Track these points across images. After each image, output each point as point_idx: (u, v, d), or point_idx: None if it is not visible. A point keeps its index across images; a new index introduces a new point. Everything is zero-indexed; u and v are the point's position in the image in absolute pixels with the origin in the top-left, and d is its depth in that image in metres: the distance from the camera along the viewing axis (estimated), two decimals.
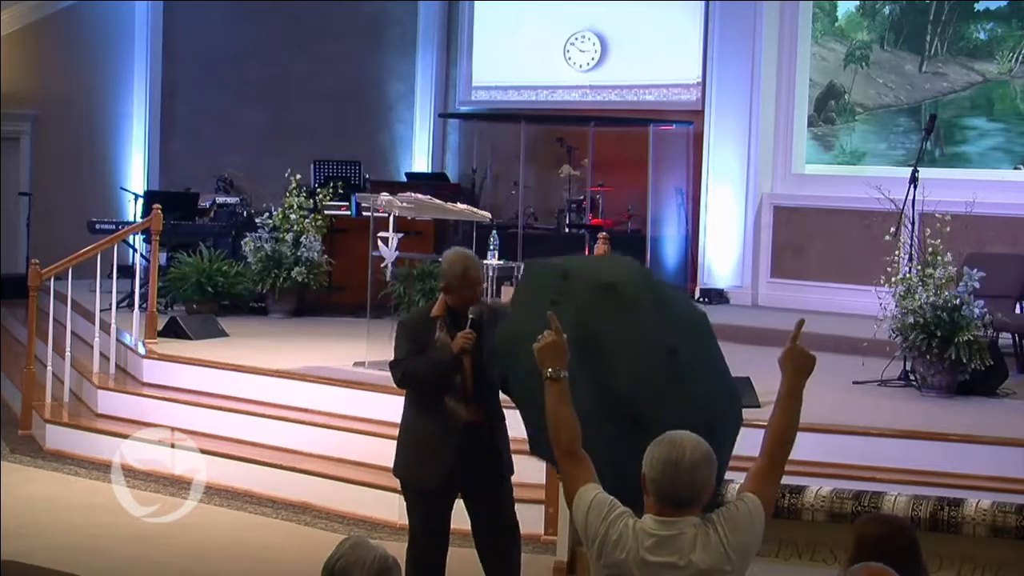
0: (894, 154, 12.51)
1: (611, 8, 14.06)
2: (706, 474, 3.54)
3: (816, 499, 6.15)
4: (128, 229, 11.32)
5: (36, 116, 15.41)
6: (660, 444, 3.56)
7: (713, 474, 3.59)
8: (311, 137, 14.65)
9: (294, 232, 11.69)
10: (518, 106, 14.62)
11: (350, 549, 3.19)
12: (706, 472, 3.54)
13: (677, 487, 3.51)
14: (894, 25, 12.62)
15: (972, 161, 12.05)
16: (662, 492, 3.53)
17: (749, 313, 12.28)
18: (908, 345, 8.52)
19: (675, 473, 3.50)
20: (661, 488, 3.53)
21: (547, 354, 3.80)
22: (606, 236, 8.15)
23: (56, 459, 8.86)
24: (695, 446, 3.53)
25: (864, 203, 9.91)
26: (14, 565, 4.40)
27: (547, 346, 3.82)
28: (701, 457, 3.53)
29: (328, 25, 15.19)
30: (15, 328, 12.62)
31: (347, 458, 8.11)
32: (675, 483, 3.51)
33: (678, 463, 3.50)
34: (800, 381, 3.84)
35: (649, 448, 3.59)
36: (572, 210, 13.67)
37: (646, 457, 3.58)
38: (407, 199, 9.37)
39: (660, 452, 3.54)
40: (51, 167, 15.25)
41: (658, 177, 13.54)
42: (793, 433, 3.78)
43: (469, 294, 5.66)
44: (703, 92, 13.41)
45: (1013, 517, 5.85)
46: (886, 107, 12.62)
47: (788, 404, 3.80)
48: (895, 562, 3.49)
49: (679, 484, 3.51)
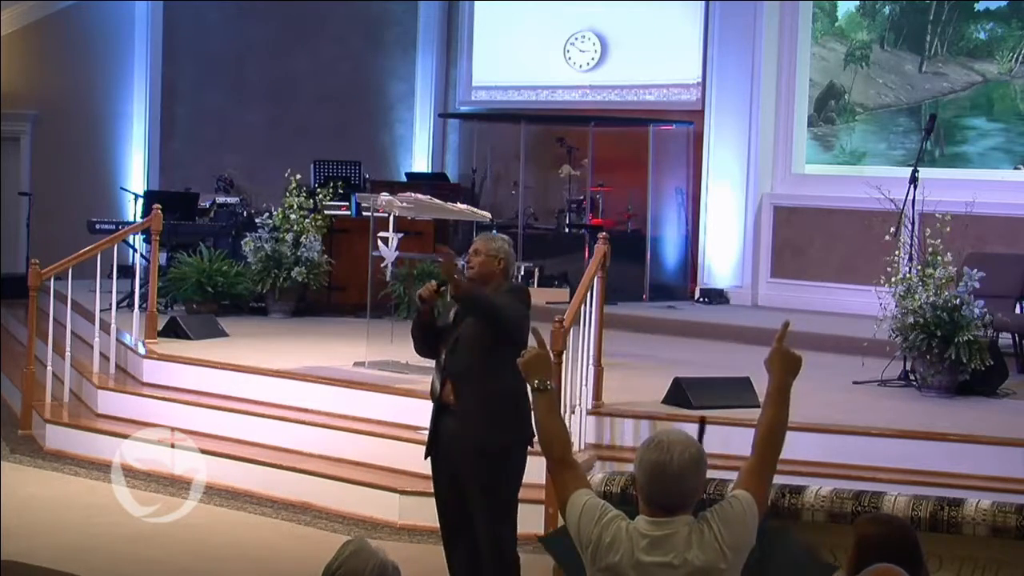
0: (894, 154, 12.51)
1: (611, 8, 14.07)
2: (694, 480, 3.54)
3: (816, 499, 6.15)
4: (128, 229, 11.31)
5: (36, 116, 15.40)
6: (650, 447, 3.56)
7: (702, 477, 3.58)
8: (311, 137, 14.65)
9: (294, 232, 11.68)
10: (518, 106, 14.62)
11: (350, 556, 3.17)
12: (694, 478, 3.54)
13: (665, 493, 3.53)
14: (894, 25, 12.62)
15: (972, 161, 12.05)
16: (651, 497, 3.55)
17: (749, 313, 12.28)
18: (908, 345, 8.52)
19: (663, 478, 3.51)
20: (651, 493, 3.55)
21: (532, 367, 3.86)
22: (606, 236, 8.15)
23: (56, 459, 8.86)
24: (683, 449, 3.53)
25: (864, 203, 9.90)
26: (14, 565, 4.40)
27: (531, 359, 3.88)
28: (689, 461, 3.52)
29: (328, 25, 15.19)
30: (15, 328, 12.61)
31: (347, 458, 8.10)
32: (663, 488, 3.53)
33: (665, 468, 3.50)
34: (787, 379, 3.86)
35: (640, 450, 3.60)
36: (572, 210, 13.67)
37: (637, 458, 3.60)
38: (407, 199, 9.37)
39: (649, 456, 3.54)
40: (51, 167, 15.25)
41: (658, 177, 13.55)
42: (782, 431, 3.79)
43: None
44: (703, 92, 13.41)
45: (1013, 517, 5.84)
46: (886, 107, 12.62)
47: (776, 401, 3.81)
48: (896, 562, 3.49)
49: (667, 490, 3.53)
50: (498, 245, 5.74)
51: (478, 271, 5.71)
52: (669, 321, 11.73)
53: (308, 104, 15.05)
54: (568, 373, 7.19)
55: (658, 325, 11.63)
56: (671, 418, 7.63)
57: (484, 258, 5.70)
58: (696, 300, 12.99)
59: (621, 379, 8.52)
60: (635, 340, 10.77)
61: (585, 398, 7.54)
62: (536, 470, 7.19)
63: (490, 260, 5.70)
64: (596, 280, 7.80)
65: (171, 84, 15.11)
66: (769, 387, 3.85)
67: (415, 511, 7.43)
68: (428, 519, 7.39)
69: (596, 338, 7.88)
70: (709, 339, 11.10)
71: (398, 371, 8.89)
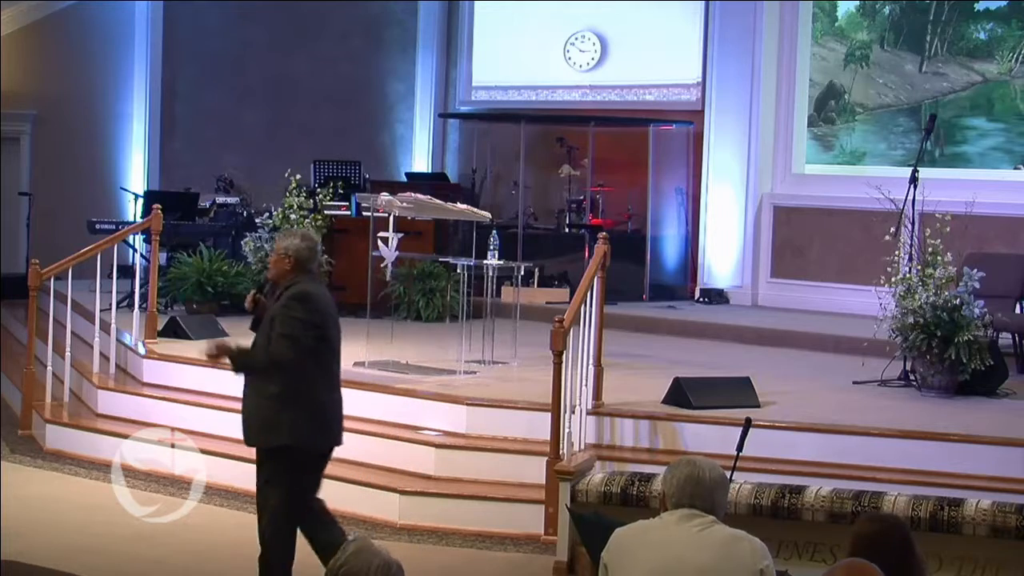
0: (894, 154, 12.51)
1: (611, 8, 14.07)
2: (722, 494, 3.84)
3: (816, 499, 6.15)
4: (128, 229, 11.31)
5: (36, 116, 15.40)
6: (680, 465, 3.85)
7: (726, 497, 3.87)
8: (311, 137, 14.65)
9: None
10: (518, 106, 14.62)
11: (353, 555, 3.17)
12: (723, 492, 3.84)
13: (697, 499, 3.77)
14: (894, 25, 12.62)
15: (972, 161, 12.05)
16: (682, 504, 3.79)
17: (749, 313, 12.28)
18: (908, 345, 8.51)
19: (697, 487, 3.79)
20: (681, 501, 3.79)
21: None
22: (606, 236, 8.14)
23: (56, 459, 8.86)
24: (712, 467, 3.84)
25: (864, 203, 9.90)
26: (14, 565, 4.40)
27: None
28: (719, 477, 3.83)
29: (328, 25, 15.19)
30: (15, 328, 12.61)
31: (347, 458, 8.07)
32: (696, 495, 3.78)
33: (700, 479, 3.79)
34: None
35: (668, 472, 3.87)
36: (572, 210, 13.68)
37: (666, 479, 3.86)
38: (407, 199, 9.37)
39: (681, 472, 3.83)
40: (51, 167, 15.25)
41: (658, 177, 13.54)
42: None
43: None
44: (703, 92, 13.41)
45: (1013, 517, 5.85)
46: (886, 107, 12.62)
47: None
48: (889, 560, 3.50)
49: (700, 497, 3.78)
50: (287, 243, 5.94)
51: (272, 271, 6.03)
52: (669, 321, 11.73)
53: (308, 104, 15.05)
54: (568, 373, 7.19)
55: (658, 325, 11.63)
56: (671, 418, 7.64)
57: (275, 257, 5.97)
58: (696, 300, 12.99)
59: (621, 379, 8.52)
60: (635, 340, 10.77)
61: (585, 398, 7.54)
62: (536, 470, 7.24)
63: (280, 259, 5.93)
64: (596, 280, 7.80)
65: (171, 84, 15.11)
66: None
67: (415, 511, 7.44)
68: (428, 519, 7.42)
69: (596, 338, 7.88)
70: (709, 339, 11.10)
71: (398, 371, 8.89)
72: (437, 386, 8.47)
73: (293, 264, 5.87)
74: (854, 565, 3.38)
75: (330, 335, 5.90)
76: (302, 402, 5.81)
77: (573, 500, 6.42)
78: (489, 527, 7.29)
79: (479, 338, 9.35)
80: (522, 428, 7.79)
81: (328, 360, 5.94)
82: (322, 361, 5.89)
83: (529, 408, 7.82)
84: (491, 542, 7.17)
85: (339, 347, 6.01)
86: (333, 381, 6.01)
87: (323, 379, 5.92)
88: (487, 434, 7.89)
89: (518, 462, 7.58)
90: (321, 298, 5.89)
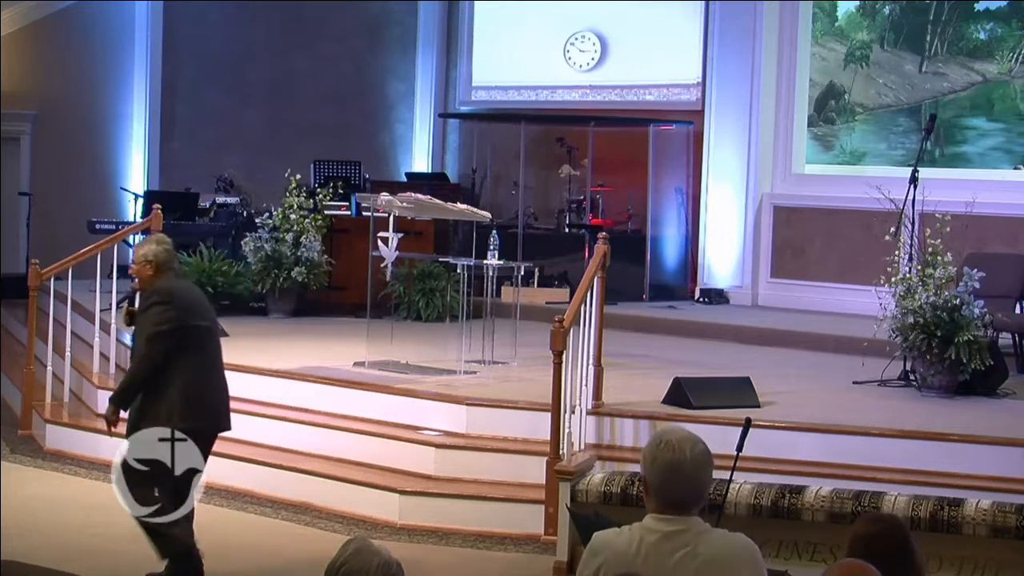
0: (894, 154, 12.51)
1: (611, 8, 14.07)
2: (707, 474, 3.62)
3: (816, 499, 6.16)
4: (128, 229, 11.30)
5: (36, 116, 15.41)
6: (660, 447, 3.59)
7: (712, 471, 3.65)
8: (311, 137, 14.65)
9: (294, 232, 11.69)
10: (518, 106, 14.62)
11: (353, 555, 3.17)
12: (707, 473, 3.61)
13: (683, 489, 3.58)
14: (894, 25, 12.62)
15: (972, 161, 12.05)
16: (666, 496, 3.59)
17: (749, 313, 12.28)
18: (908, 345, 8.51)
19: (680, 476, 3.57)
20: (665, 492, 3.59)
21: None
22: (606, 236, 8.15)
23: (56, 459, 8.86)
24: (693, 446, 3.58)
25: (864, 203, 9.90)
26: (14, 565, 4.40)
27: None
28: (701, 456, 3.59)
29: (328, 25, 15.19)
30: (15, 328, 12.61)
31: (347, 458, 8.10)
32: (680, 486, 3.58)
33: (681, 466, 3.56)
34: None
35: (648, 450, 3.63)
36: (572, 210, 13.68)
37: (646, 459, 3.62)
38: (407, 199, 9.37)
39: (663, 456, 3.58)
40: (51, 167, 15.25)
41: (658, 177, 13.54)
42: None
43: None
44: (703, 92, 13.41)
45: (1013, 517, 5.85)
46: (886, 107, 12.62)
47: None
48: (887, 561, 3.49)
49: (684, 487, 3.58)
50: (144, 250, 6.21)
51: (137, 281, 6.30)
52: (669, 321, 11.73)
53: (308, 104, 15.05)
54: (568, 373, 7.19)
55: (658, 325, 11.63)
56: (671, 418, 7.63)
57: (136, 267, 6.22)
58: (696, 300, 12.99)
59: (621, 379, 8.52)
60: (635, 340, 10.77)
61: (585, 398, 7.54)
62: (536, 470, 7.24)
63: (142, 267, 6.21)
64: (596, 280, 7.80)
65: (171, 84, 15.10)
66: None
67: (415, 511, 7.44)
68: (428, 519, 7.42)
69: (596, 338, 7.88)
70: (709, 339, 11.10)
71: (398, 371, 8.90)
72: (437, 386, 8.48)
73: (155, 268, 6.15)
74: (851, 566, 3.37)
75: (195, 323, 6.11)
76: (183, 389, 6.05)
77: (573, 500, 6.42)
78: (489, 527, 7.29)
79: (479, 338, 9.35)
80: (522, 428, 7.80)
81: (203, 346, 6.15)
82: (195, 347, 6.09)
83: (529, 408, 7.82)
84: (491, 542, 7.18)
85: (216, 333, 6.28)
86: (213, 367, 6.23)
87: (200, 365, 6.12)
88: (487, 434, 7.89)
89: (518, 462, 7.58)
90: (179, 289, 6.16)
